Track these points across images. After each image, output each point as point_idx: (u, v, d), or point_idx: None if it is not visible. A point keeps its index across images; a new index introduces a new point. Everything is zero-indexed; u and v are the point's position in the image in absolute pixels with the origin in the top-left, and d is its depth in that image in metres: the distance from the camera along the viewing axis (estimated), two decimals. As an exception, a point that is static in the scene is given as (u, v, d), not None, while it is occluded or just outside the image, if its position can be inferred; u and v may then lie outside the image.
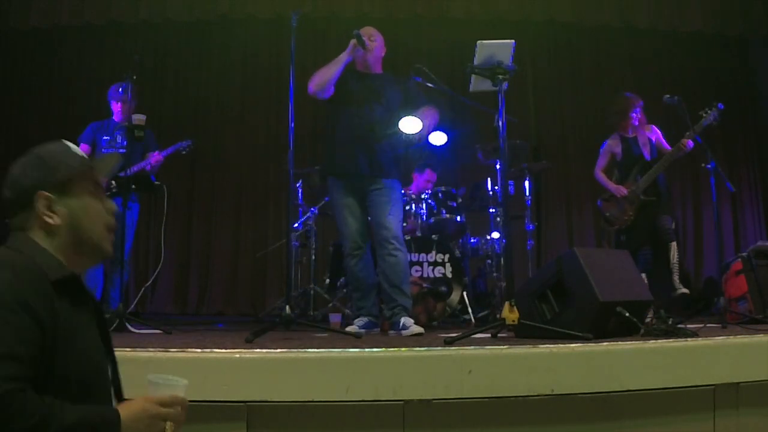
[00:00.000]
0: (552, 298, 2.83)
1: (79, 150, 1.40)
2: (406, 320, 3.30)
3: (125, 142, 4.34)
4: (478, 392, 2.15)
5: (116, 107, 4.48)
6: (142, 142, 4.19)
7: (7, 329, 1.13)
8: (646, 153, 4.54)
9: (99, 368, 1.30)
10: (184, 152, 4.47)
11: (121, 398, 1.38)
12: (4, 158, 7.37)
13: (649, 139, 4.58)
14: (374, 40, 3.63)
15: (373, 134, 3.46)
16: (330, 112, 3.61)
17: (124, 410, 1.24)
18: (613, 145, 4.69)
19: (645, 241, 4.47)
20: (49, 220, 1.30)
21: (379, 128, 3.49)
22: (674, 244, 4.42)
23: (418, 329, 3.25)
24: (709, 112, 4.22)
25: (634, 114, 4.59)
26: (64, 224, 1.31)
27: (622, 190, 4.51)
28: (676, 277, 4.37)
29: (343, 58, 3.49)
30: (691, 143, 4.27)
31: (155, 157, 4.31)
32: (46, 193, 1.30)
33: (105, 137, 4.42)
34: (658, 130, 4.65)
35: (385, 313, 3.45)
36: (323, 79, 3.48)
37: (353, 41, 3.49)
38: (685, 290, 4.36)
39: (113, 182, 4.24)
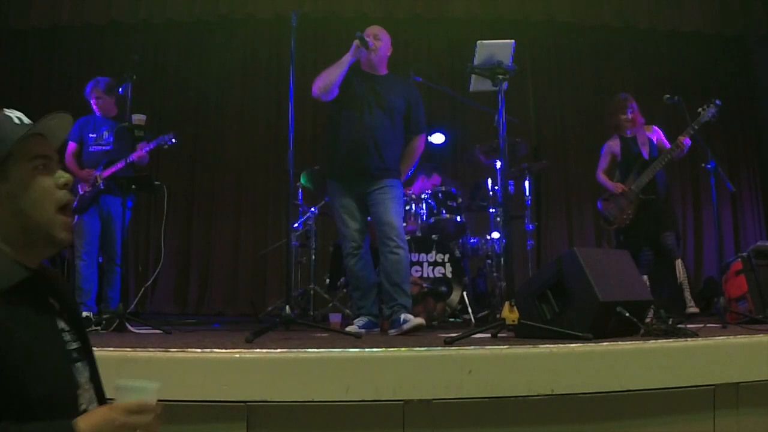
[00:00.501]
0: (552, 298, 2.83)
1: (21, 119, 1.19)
2: (405, 315, 3.29)
3: (112, 139, 4.30)
4: (478, 392, 2.15)
5: (93, 104, 4.43)
6: (131, 140, 4.16)
7: None
8: (645, 152, 4.53)
9: (63, 379, 1.15)
10: (166, 146, 4.30)
11: (103, 400, 1.25)
12: (4, 158, 7.35)
13: (649, 139, 4.57)
14: (379, 39, 3.60)
15: (373, 139, 3.45)
16: (333, 113, 3.59)
17: (83, 422, 1.08)
18: (612, 145, 4.69)
19: (645, 243, 4.45)
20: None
21: (381, 132, 3.48)
22: (679, 261, 4.39)
23: (419, 320, 3.23)
24: (707, 108, 4.22)
25: (626, 114, 4.57)
26: (4, 211, 1.12)
27: (620, 187, 4.51)
28: (687, 294, 4.32)
29: (347, 59, 3.47)
30: (688, 141, 4.27)
31: (137, 154, 4.20)
32: None
33: (91, 135, 4.37)
34: (660, 131, 4.63)
35: (384, 312, 3.45)
36: (327, 81, 3.45)
37: (356, 42, 3.47)
38: (696, 309, 4.34)
39: (98, 179, 4.20)
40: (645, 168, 4.45)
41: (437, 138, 5.93)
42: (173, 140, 4.29)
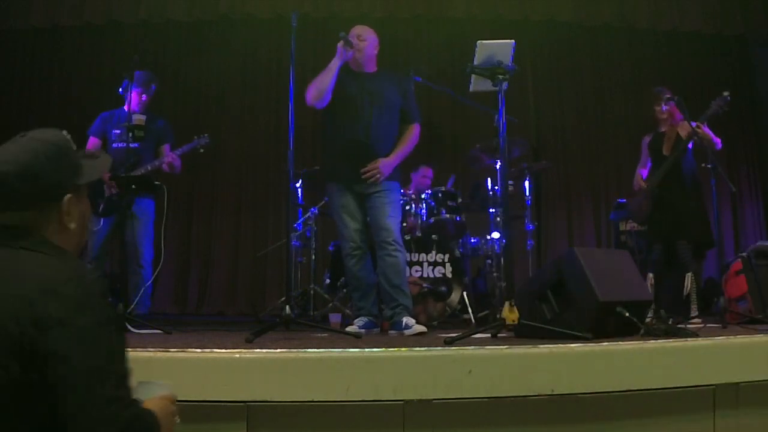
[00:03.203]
0: (552, 298, 2.83)
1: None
2: (408, 320, 3.30)
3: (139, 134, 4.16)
4: (478, 392, 2.15)
5: (133, 96, 4.11)
6: (156, 136, 4.08)
7: (122, 348, 1.18)
8: (666, 148, 4.41)
9: None
10: (202, 150, 4.19)
11: None
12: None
13: (678, 135, 4.40)
14: (363, 39, 3.59)
15: (371, 138, 3.46)
16: (328, 114, 3.58)
17: (155, 408, 1.26)
18: (647, 140, 4.59)
19: (657, 242, 4.38)
20: (70, 224, 1.23)
21: (378, 131, 3.48)
22: (689, 275, 4.26)
23: (421, 328, 3.26)
24: (717, 100, 4.12)
25: (660, 108, 4.43)
26: (76, 227, 1.25)
27: (638, 184, 4.46)
28: (693, 306, 4.22)
29: (335, 64, 3.46)
30: (707, 128, 4.13)
31: (169, 158, 4.08)
32: (71, 195, 1.23)
33: (115, 131, 4.18)
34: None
35: (385, 313, 3.45)
36: (319, 89, 3.45)
37: (340, 44, 3.47)
38: (699, 320, 4.29)
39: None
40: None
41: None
42: (207, 140, 4.20)
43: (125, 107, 4.19)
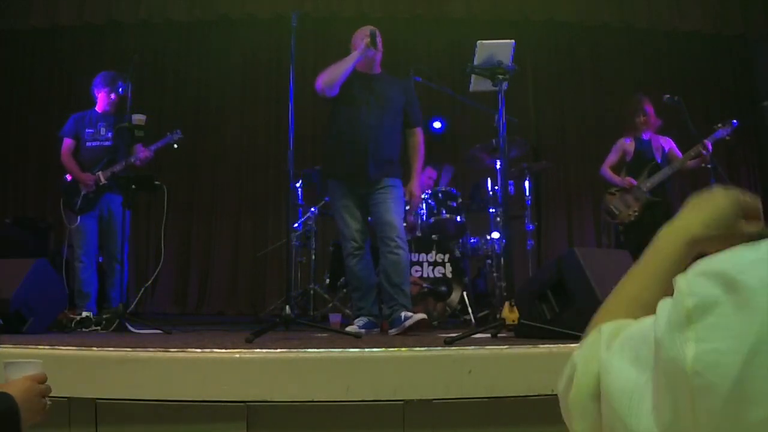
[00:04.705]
0: (552, 298, 2.82)
1: None
2: (405, 313, 3.28)
3: (110, 134, 4.24)
4: (478, 392, 2.15)
5: (102, 97, 4.33)
6: (130, 139, 4.12)
7: None
8: (658, 156, 4.48)
9: None
10: (176, 146, 4.27)
11: None
12: (4, 158, 7.40)
13: (662, 147, 4.51)
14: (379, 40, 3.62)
15: (373, 138, 3.46)
16: (332, 113, 3.59)
17: (13, 391, 1.24)
18: (626, 144, 4.60)
19: (647, 242, 4.41)
20: None
21: (380, 131, 3.48)
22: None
23: (420, 315, 3.22)
24: (722, 126, 4.20)
25: (642, 115, 4.49)
26: None
27: (631, 181, 4.48)
28: None
29: (355, 57, 3.48)
30: (710, 145, 4.19)
31: (143, 153, 4.15)
32: None
33: (89, 130, 4.29)
34: (672, 142, 4.57)
35: (384, 312, 3.45)
36: (333, 76, 3.46)
37: (366, 41, 3.47)
38: None
39: (100, 178, 4.19)
40: (657, 170, 4.42)
41: (435, 124, 6.00)
42: (180, 135, 4.26)
43: (97, 108, 4.37)
